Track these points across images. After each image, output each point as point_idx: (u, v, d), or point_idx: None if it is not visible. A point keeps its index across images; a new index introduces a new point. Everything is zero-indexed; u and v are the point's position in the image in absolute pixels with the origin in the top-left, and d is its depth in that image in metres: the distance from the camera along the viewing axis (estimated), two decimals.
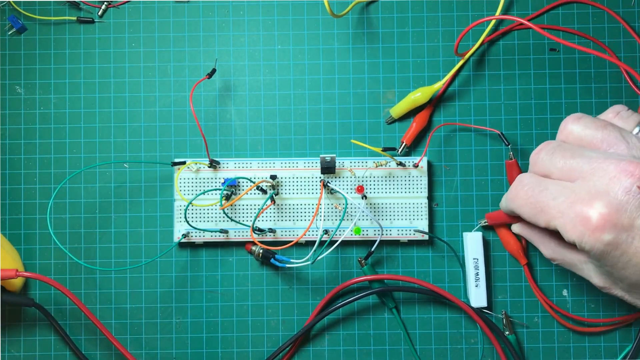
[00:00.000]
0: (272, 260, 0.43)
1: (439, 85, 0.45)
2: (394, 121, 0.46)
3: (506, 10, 0.46)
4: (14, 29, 0.46)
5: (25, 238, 0.46)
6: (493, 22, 0.46)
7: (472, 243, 0.45)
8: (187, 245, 0.46)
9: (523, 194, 0.36)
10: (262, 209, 0.44)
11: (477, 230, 0.45)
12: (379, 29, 0.46)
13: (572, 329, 0.45)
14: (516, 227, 0.42)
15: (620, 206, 0.31)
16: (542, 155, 0.36)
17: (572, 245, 0.34)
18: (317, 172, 0.44)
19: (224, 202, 0.43)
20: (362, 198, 0.44)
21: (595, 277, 0.36)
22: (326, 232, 0.44)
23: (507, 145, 0.44)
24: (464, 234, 0.45)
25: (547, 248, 0.39)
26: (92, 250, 0.46)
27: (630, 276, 0.33)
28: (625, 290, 0.35)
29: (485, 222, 0.45)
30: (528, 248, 0.45)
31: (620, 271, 0.33)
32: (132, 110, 0.46)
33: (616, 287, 0.35)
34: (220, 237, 0.45)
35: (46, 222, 0.46)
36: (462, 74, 0.46)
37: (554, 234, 0.37)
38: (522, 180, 0.37)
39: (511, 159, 0.44)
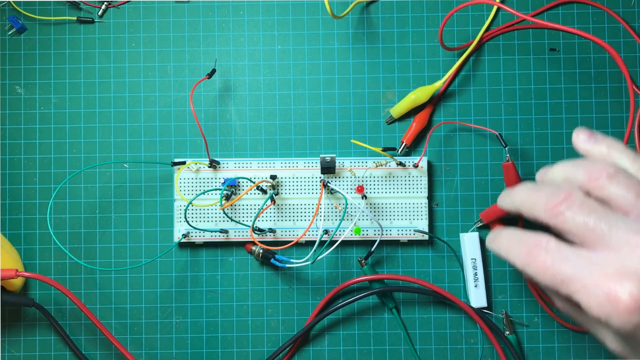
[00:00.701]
0: (272, 260, 0.43)
1: (439, 84, 0.45)
2: (394, 121, 0.46)
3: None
4: (14, 29, 0.46)
5: (25, 238, 0.46)
6: (493, 13, 0.46)
7: (469, 243, 0.45)
8: (187, 245, 0.46)
9: (542, 262, 0.32)
10: (262, 209, 0.44)
11: (473, 230, 0.45)
12: (379, 29, 0.46)
13: (572, 328, 0.45)
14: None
15: None
16: (564, 213, 0.32)
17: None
18: (317, 172, 0.44)
19: (224, 202, 0.43)
20: (362, 198, 0.44)
21: (612, 343, 0.33)
22: (326, 232, 0.44)
23: (505, 147, 0.44)
24: (461, 234, 0.45)
25: (561, 301, 0.34)
26: (92, 250, 0.46)
27: None
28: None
29: (481, 222, 0.45)
30: None
31: None
32: (132, 110, 0.46)
33: (634, 356, 0.32)
34: (220, 237, 0.45)
35: (46, 222, 0.46)
36: (462, 74, 0.46)
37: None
38: (540, 244, 0.32)
39: (508, 160, 0.44)
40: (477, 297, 0.44)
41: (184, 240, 0.45)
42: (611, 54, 0.43)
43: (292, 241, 0.42)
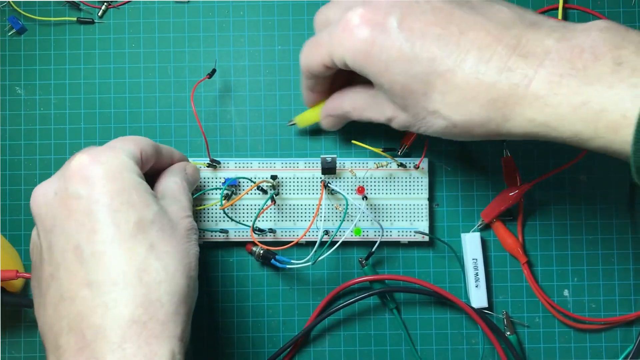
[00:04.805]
0: (272, 261, 0.43)
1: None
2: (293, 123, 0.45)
3: None
4: (14, 30, 0.46)
5: (26, 239, 0.46)
6: None
7: (471, 244, 0.45)
8: None
9: (306, 43, 0.37)
10: (262, 209, 0.44)
11: (475, 230, 0.45)
12: None
13: (573, 326, 0.45)
14: (323, 110, 0.41)
15: (376, 5, 0.33)
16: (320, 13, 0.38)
17: (363, 85, 0.38)
18: (318, 173, 0.44)
19: (224, 202, 0.43)
20: (363, 199, 0.44)
21: (386, 107, 0.36)
22: (327, 232, 0.44)
23: (504, 142, 0.44)
24: (462, 235, 0.45)
25: (345, 98, 0.39)
26: None
27: (395, 78, 0.33)
28: (401, 107, 0.34)
29: (483, 223, 0.45)
30: (526, 246, 0.45)
31: (386, 76, 0.33)
32: (133, 111, 0.46)
33: (399, 109, 0.35)
34: (220, 238, 0.45)
35: None
36: None
37: (347, 87, 0.39)
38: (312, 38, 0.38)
39: (507, 155, 0.44)
40: (478, 298, 0.44)
41: None
42: None
43: (292, 241, 0.42)
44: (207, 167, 0.44)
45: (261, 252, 0.44)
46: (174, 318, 0.32)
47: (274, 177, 0.44)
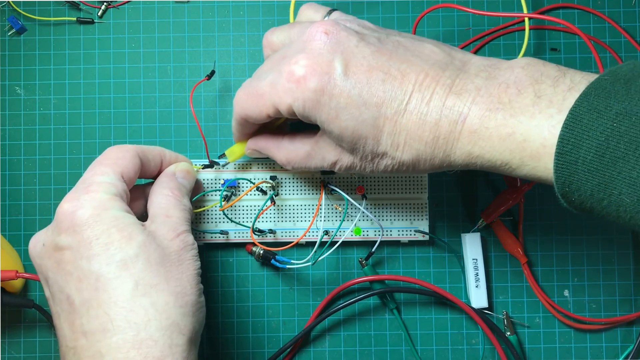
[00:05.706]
0: (272, 262, 0.43)
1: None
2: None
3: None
4: (13, 30, 0.46)
5: (25, 239, 0.46)
6: None
7: (471, 244, 0.45)
8: None
9: (243, 92, 0.37)
10: (262, 210, 0.44)
11: (475, 231, 0.45)
12: None
13: (574, 326, 0.45)
14: (250, 143, 0.41)
15: (317, 53, 0.33)
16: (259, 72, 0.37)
17: (301, 136, 0.38)
18: (317, 173, 0.44)
19: (223, 203, 0.43)
20: (363, 198, 0.44)
21: (328, 152, 0.36)
22: (326, 232, 0.44)
23: None
24: (463, 235, 0.45)
25: (281, 149, 0.39)
26: None
27: (346, 124, 0.33)
28: (349, 150, 0.35)
29: (483, 223, 0.45)
30: (527, 247, 0.45)
31: (337, 122, 0.33)
32: (132, 111, 0.46)
33: (344, 152, 0.35)
34: (220, 239, 0.45)
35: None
36: None
37: (283, 135, 0.39)
38: (242, 86, 0.38)
39: None
40: (478, 298, 0.44)
41: None
42: (610, 53, 0.43)
43: (292, 242, 0.42)
44: (203, 168, 0.44)
45: (261, 252, 0.44)
46: (171, 351, 0.32)
47: (273, 178, 0.44)
